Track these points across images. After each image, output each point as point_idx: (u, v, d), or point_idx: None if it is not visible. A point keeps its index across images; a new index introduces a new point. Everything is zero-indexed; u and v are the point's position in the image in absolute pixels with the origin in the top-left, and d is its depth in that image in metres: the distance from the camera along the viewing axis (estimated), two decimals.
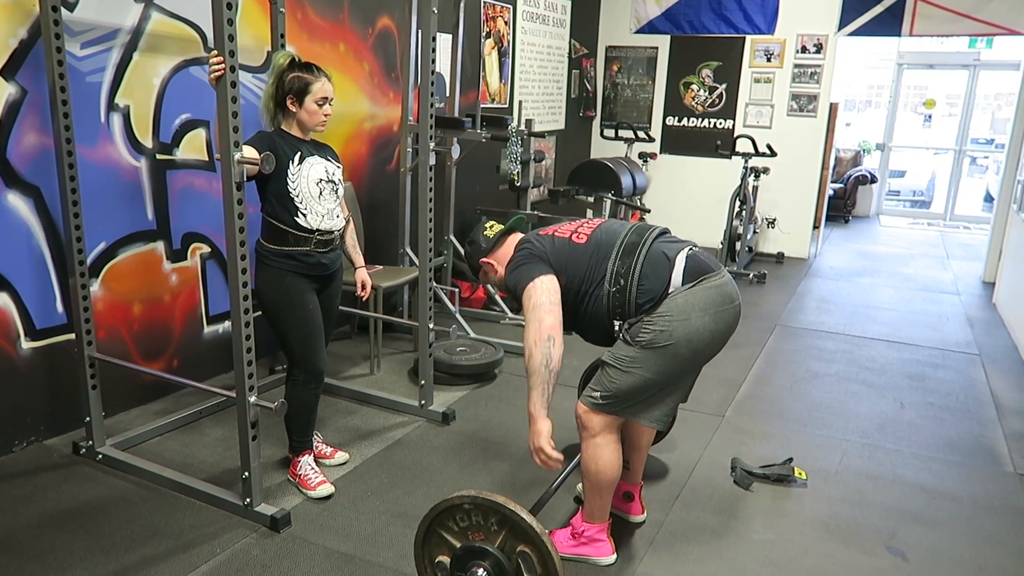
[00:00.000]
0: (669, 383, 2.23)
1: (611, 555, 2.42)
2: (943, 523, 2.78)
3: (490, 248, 2.45)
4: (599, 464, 2.28)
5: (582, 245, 2.28)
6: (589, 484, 2.35)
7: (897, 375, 4.28)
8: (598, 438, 2.27)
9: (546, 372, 2.13)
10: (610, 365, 2.21)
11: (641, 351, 2.15)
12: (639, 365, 2.16)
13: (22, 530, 2.48)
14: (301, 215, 2.61)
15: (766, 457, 3.16)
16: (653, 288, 2.16)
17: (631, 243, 2.24)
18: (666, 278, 2.16)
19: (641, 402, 2.22)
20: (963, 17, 6.43)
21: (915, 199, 11.39)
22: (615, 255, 2.22)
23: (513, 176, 5.11)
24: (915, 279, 6.69)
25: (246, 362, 2.42)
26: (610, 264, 2.22)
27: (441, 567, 2.04)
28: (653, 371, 2.16)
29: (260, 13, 3.65)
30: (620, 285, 2.19)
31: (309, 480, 2.78)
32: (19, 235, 2.88)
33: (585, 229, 2.34)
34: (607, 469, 2.29)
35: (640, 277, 2.18)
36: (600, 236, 2.29)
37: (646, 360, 2.15)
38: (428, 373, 3.43)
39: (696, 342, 2.16)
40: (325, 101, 2.62)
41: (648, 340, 2.14)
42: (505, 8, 6.02)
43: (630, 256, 2.21)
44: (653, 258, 2.20)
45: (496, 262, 2.44)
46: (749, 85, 7.27)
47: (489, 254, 2.46)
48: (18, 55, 2.78)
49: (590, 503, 2.39)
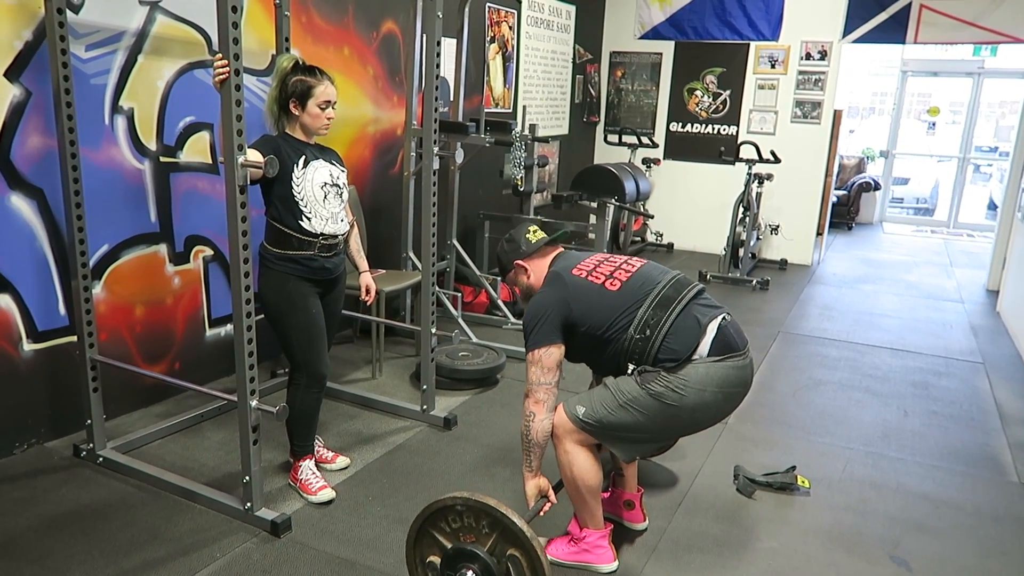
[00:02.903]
0: (656, 435, 2.30)
1: (612, 562, 2.41)
2: (947, 532, 2.76)
3: (529, 253, 2.45)
4: (574, 471, 2.28)
5: (613, 292, 2.26)
6: (569, 491, 2.35)
7: (901, 383, 4.26)
8: (567, 445, 2.28)
9: (526, 443, 2.26)
10: (609, 392, 2.22)
11: (646, 397, 2.16)
12: (638, 408, 2.17)
13: (22, 533, 2.47)
14: (305, 219, 2.60)
15: (769, 465, 3.15)
16: (678, 350, 2.16)
17: (667, 297, 2.23)
18: (693, 344, 2.16)
19: (620, 437, 2.25)
20: (968, 25, 6.42)
21: (919, 206, 11.37)
22: (648, 304, 2.22)
23: (516, 181, 5.11)
24: (919, 287, 6.67)
25: (248, 366, 2.41)
26: (640, 311, 2.21)
27: (432, 567, 2.04)
28: (648, 418, 2.18)
29: (265, 16, 3.65)
30: (645, 335, 2.19)
31: (310, 485, 2.77)
32: (22, 237, 2.88)
33: (621, 274, 2.32)
34: (583, 475, 2.28)
35: (667, 334, 2.17)
36: (635, 283, 2.28)
37: (647, 407, 2.16)
38: (430, 378, 3.42)
39: (700, 414, 2.20)
40: (328, 105, 2.62)
41: (658, 392, 2.15)
42: (509, 13, 6.03)
43: (663, 310, 2.20)
44: (685, 319, 2.19)
45: (530, 269, 2.45)
46: (753, 91, 7.27)
47: (527, 258, 2.46)
48: (23, 57, 2.78)
49: (578, 510, 2.39)
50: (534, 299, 2.34)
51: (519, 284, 2.51)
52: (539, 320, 2.25)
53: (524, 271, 2.46)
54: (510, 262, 2.49)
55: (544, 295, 2.32)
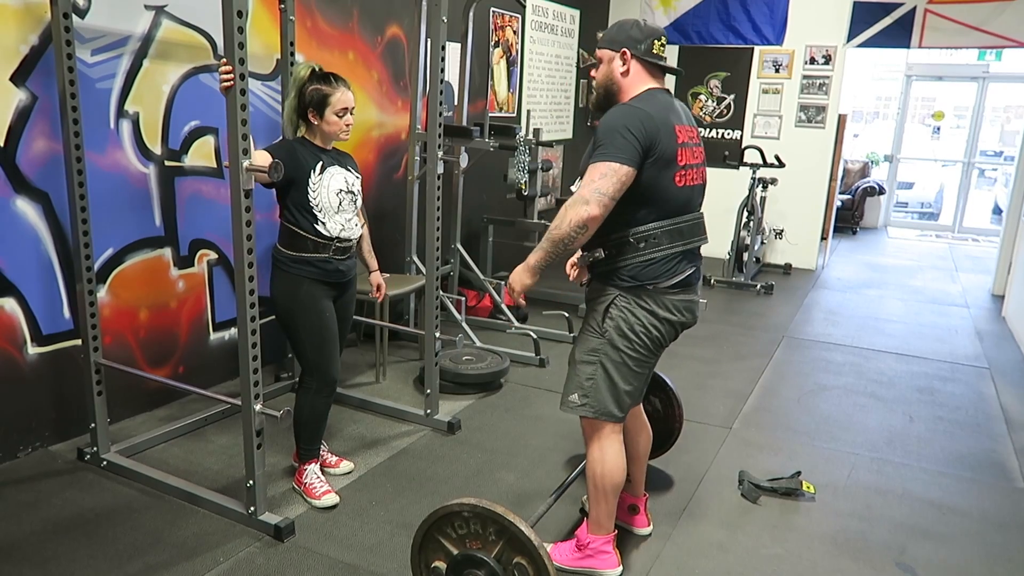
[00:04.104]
0: (636, 362, 2.26)
1: (617, 567, 2.40)
2: (953, 539, 2.74)
3: (639, 52, 2.13)
4: (605, 466, 2.27)
5: (673, 187, 2.12)
6: (593, 491, 2.33)
7: (906, 388, 4.24)
8: (597, 440, 2.27)
9: (561, 249, 2.11)
10: (575, 364, 2.28)
11: (604, 337, 2.21)
12: (604, 352, 2.22)
13: (25, 537, 2.47)
14: (320, 224, 2.61)
15: (774, 470, 3.13)
16: (643, 277, 2.15)
17: (679, 231, 2.17)
18: (657, 277, 2.17)
19: (615, 386, 2.24)
20: (972, 29, 6.41)
21: (923, 211, 11.35)
22: (665, 224, 2.14)
23: (520, 185, 5.11)
24: (923, 291, 6.65)
25: (252, 370, 2.41)
26: (655, 224, 2.13)
27: (437, 573, 2.03)
28: (618, 353, 2.21)
29: (270, 21, 3.66)
30: (639, 248, 2.13)
31: (314, 489, 2.76)
32: (27, 241, 2.89)
33: (692, 175, 2.18)
34: (613, 471, 2.27)
35: (648, 263, 2.15)
36: (684, 195, 2.17)
37: (610, 342, 2.21)
38: (434, 382, 3.41)
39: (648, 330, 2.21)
40: (346, 111, 2.63)
41: (610, 326, 2.20)
42: (514, 17, 6.04)
43: (669, 239, 2.15)
44: (672, 261, 2.18)
45: (631, 68, 2.15)
46: (757, 96, 7.26)
47: (638, 56, 2.14)
48: (29, 61, 2.79)
49: (596, 511, 2.36)
50: (627, 107, 2.09)
51: (606, 74, 2.18)
52: (623, 131, 2.02)
53: (625, 63, 2.15)
54: (621, 44, 2.14)
55: (640, 110, 2.06)
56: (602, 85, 2.21)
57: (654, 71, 2.19)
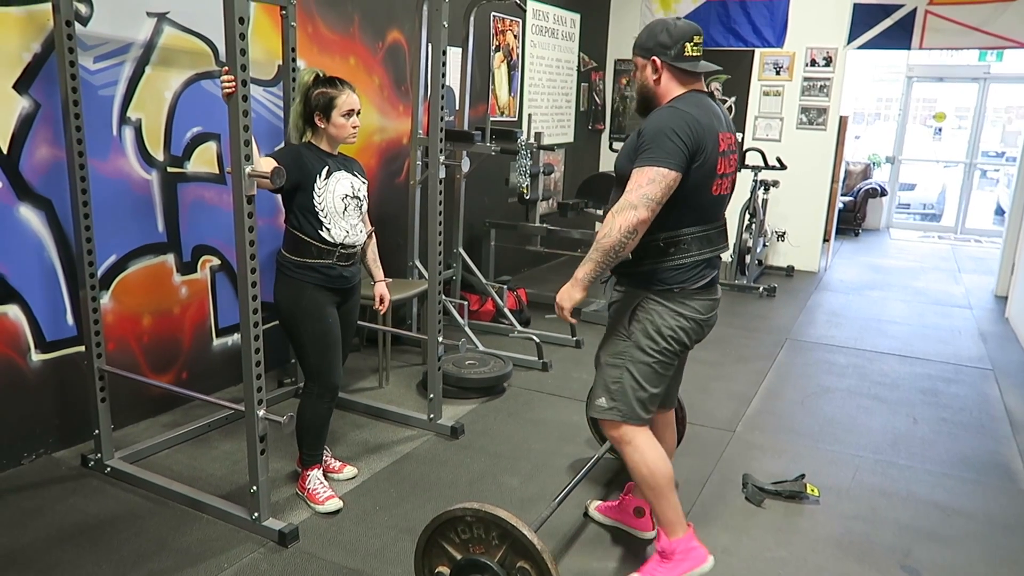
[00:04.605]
0: (659, 362, 2.25)
1: (709, 557, 2.31)
2: (958, 541, 2.74)
3: (669, 59, 2.10)
4: (648, 466, 2.22)
5: (710, 196, 2.13)
6: (648, 492, 2.26)
7: (909, 390, 4.24)
8: (631, 443, 2.24)
9: (612, 257, 2.08)
10: (603, 368, 2.27)
11: (630, 340, 2.21)
12: (631, 355, 2.22)
13: (30, 544, 2.47)
14: (325, 229, 2.61)
15: (778, 473, 3.13)
16: (671, 281, 2.15)
17: (707, 238, 2.17)
18: (684, 281, 2.17)
19: (642, 388, 2.24)
20: (973, 30, 6.41)
21: (925, 212, 11.34)
22: (694, 231, 2.14)
23: (522, 189, 5.12)
24: (926, 293, 6.64)
25: (255, 375, 2.41)
26: (685, 230, 2.13)
27: None
28: (644, 353, 2.21)
29: (271, 27, 3.67)
30: (668, 252, 2.13)
31: (317, 494, 2.76)
32: (31, 247, 2.89)
33: (725, 185, 2.18)
34: (658, 466, 2.22)
35: (675, 268, 2.14)
36: (717, 203, 2.17)
37: (636, 345, 2.22)
38: (437, 386, 3.41)
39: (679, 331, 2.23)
40: (352, 113, 2.63)
41: (637, 329, 2.20)
42: (515, 22, 6.05)
43: (698, 245, 2.15)
44: (697, 266, 2.18)
45: (663, 74, 2.13)
46: (758, 98, 7.27)
47: (669, 62, 2.11)
48: (32, 69, 2.80)
49: (661, 512, 2.27)
50: (672, 110, 2.06)
51: (640, 80, 2.18)
52: (671, 134, 2.00)
53: (656, 71, 2.13)
54: (650, 51, 2.12)
55: (687, 113, 2.04)
56: (639, 91, 2.21)
57: (687, 76, 2.14)
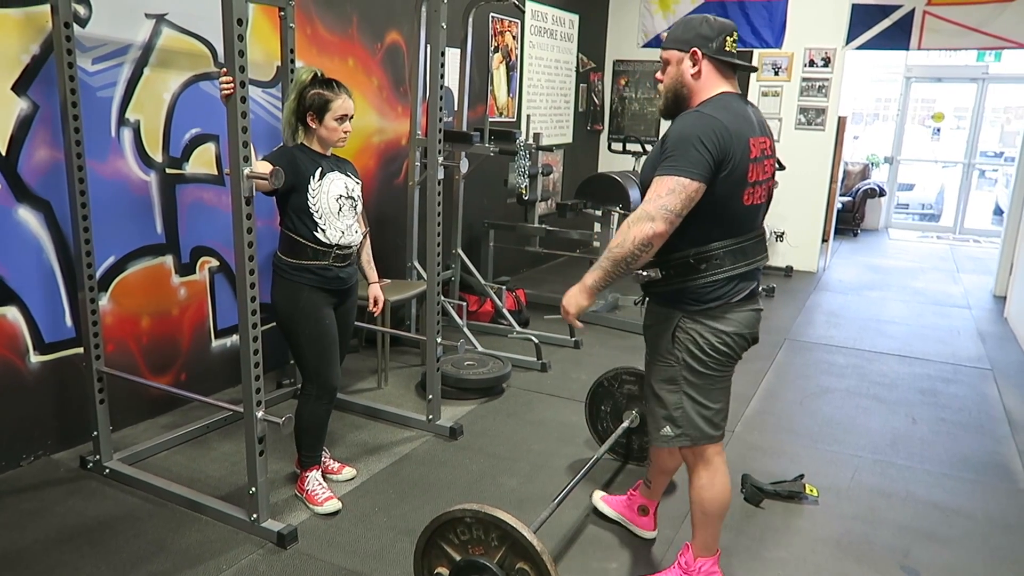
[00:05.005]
0: (712, 377, 2.16)
1: None
2: (957, 541, 2.74)
3: (711, 51, 1.98)
4: (715, 492, 2.18)
5: (743, 205, 2.00)
6: (703, 514, 2.22)
7: (908, 390, 4.24)
8: (703, 468, 2.19)
9: (623, 268, 1.99)
10: (655, 393, 2.18)
11: (678, 363, 2.11)
12: (683, 377, 2.13)
13: (28, 545, 2.47)
14: (320, 230, 2.61)
15: (777, 473, 3.13)
16: (708, 298, 2.05)
17: (742, 250, 2.05)
18: (721, 297, 2.07)
19: (704, 407, 2.15)
20: (971, 31, 6.41)
21: (924, 212, 11.35)
22: (728, 243, 2.02)
23: (521, 190, 5.12)
24: (925, 293, 6.65)
25: (254, 377, 2.41)
26: (717, 245, 2.01)
27: None
28: (696, 375, 2.13)
29: (270, 28, 3.67)
30: (699, 268, 2.02)
31: (316, 496, 2.76)
32: (29, 249, 2.89)
33: (760, 193, 2.05)
34: (722, 496, 2.19)
35: (710, 284, 2.04)
36: (751, 213, 2.05)
37: (684, 368, 2.13)
38: (436, 387, 3.41)
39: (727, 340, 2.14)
40: (344, 118, 2.63)
41: (682, 352, 2.10)
42: (513, 23, 6.05)
43: (732, 258, 2.03)
44: (732, 281, 2.07)
45: (703, 69, 2.00)
46: (757, 99, 7.26)
47: (699, 51, 1.98)
48: (30, 70, 2.80)
49: (703, 535, 2.24)
50: (699, 115, 1.95)
51: (674, 76, 2.04)
52: (696, 143, 1.88)
53: (696, 64, 2.00)
54: (690, 43, 1.99)
55: (715, 119, 1.92)
56: (671, 89, 2.06)
57: (727, 71, 2.03)
